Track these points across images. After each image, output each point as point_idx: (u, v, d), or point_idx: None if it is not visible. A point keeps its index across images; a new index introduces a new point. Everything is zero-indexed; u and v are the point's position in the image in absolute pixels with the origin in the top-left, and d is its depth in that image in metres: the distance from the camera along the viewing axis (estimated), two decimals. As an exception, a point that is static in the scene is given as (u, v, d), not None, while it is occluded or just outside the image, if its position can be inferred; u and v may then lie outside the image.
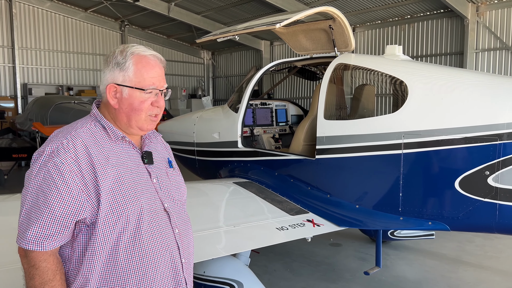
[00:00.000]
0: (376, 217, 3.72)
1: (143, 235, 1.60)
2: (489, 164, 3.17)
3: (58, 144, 1.55)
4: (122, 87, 1.62)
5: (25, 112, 12.24)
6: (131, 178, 1.61)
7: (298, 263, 5.24)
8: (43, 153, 1.54)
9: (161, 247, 1.65)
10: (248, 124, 5.61)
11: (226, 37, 4.59)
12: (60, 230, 1.51)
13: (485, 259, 5.41)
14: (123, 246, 1.57)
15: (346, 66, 4.27)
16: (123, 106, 1.64)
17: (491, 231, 3.36)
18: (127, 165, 1.63)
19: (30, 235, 1.49)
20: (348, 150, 3.81)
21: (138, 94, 1.63)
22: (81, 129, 1.62)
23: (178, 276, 1.70)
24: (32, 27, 15.41)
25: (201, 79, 20.09)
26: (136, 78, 1.62)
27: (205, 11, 14.84)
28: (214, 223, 3.53)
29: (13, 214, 3.22)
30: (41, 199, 1.50)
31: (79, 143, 1.56)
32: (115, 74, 1.63)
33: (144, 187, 1.65)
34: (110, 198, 1.54)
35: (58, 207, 1.49)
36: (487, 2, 10.68)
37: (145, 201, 1.62)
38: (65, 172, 1.51)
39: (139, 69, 1.62)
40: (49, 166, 1.51)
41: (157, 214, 1.66)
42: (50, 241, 1.51)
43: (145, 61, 1.64)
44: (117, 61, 1.63)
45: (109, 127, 1.65)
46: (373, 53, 13.13)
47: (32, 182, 1.52)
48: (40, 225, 1.49)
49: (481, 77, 3.95)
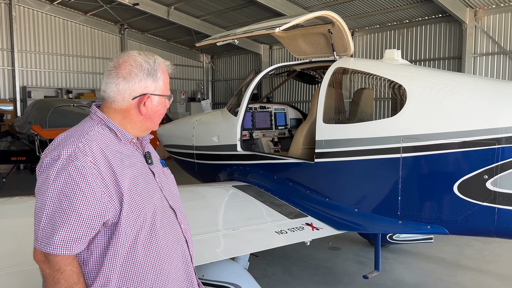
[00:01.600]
0: (375, 221, 3.73)
1: (158, 232, 1.68)
2: (488, 168, 3.18)
3: (75, 147, 1.55)
4: (153, 96, 1.73)
5: (24, 115, 12.23)
6: (142, 178, 1.69)
7: (297, 267, 5.23)
8: (59, 157, 1.53)
9: (174, 242, 1.74)
10: (247, 128, 5.63)
11: (225, 41, 4.61)
12: (88, 232, 1.53)
13: (484, 263, 5.41)
14: (141, 244, 1.63)
15: (345, 70, 4.29)
16: (151, 112, 1.74)
17: (490, 235, 3.36)
18: (137, 166, 1.69)
19: (57, 240, 1.49)
20: (347, 154, 3.82)
21: (163, 101, 1.76)
22: (92, 132, 1.64)
23: (189, 267, 1.82)
24: (32, 30, 15.43)
25: (200, 82, 20.12)
26: (164, 87, 1.76)
27: (204, 15, 14.89)
28: (213, 226, 3.53)
29: (13, 217, 3.22)
30: (65, 203, 1.50)
31: (95, 146, 1.58)
32: (147, 84, 1.70)
33: (153, 187, 1.73)
34: (130, 198, 1.59)
35: (85, 210, 1.51)
36: (485, 7, 10.73)
37: (157, 200, 1.71)
38: (88, 175, 1.52)
39: (165, 80, 1.77)
40: (70, 169, 1.51)
41: (166, 212, 1.75)
42: (78, 244, 1.53)
43: (166, 72, 1.80)
44: (148, 71, 1.71)
45: (119, 130, 1.69)
46: (372, 57, 13.17)
47: (51, 186, 1.51)
48: (68, 228, 1.50)
49: (479, 81, 3.97)
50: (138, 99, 1.69)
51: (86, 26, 16.63)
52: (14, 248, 2.80)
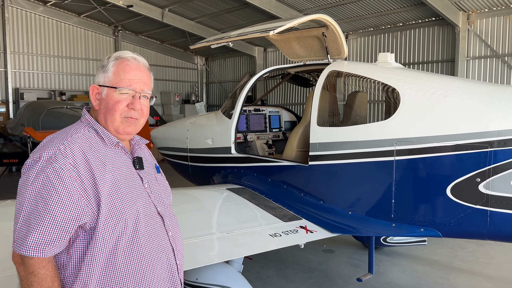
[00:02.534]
0: (369, 224, 3.73)
1: (141, 239, 1.62)
2: (480, 171, 3.20)
3: (56, 150, 1.54)
4: (103, 88, 1.68)
5: (17, 117, 12.15)
6: (126, 183, 1.64)
7: (291, 270, 5.23)
8: (39, 159, 1.53)
9: (158, 250, 1.68)
10: (241, 130, 5.62)
11: (220, 44, 4.61)
12: (61, 235, 1.51)
13: (477, 265, 5.44)
14: (122, 250, 1.58)
15: (339, 73, 4.30)
16: (101, 106, 1.68)
17: (483, 238, 3.38)
18: (121, 170, 1.65)
19: (30, 242, 1.48)
20: (341, 156, 3.83)
21: (113, 94, 1.66)
22: (76, 135, 1.62)
23: (174, 277, 1.74)
24: (25, 32, 15.35)
25: (194, 84, 20.10)
26: (114, 78, 1.67)
27: (198, 17, 14.89)
28: (207, 229, 3.52)
29: (4, 220, 3.19)
30: (40, 205, 1.49)
31: (76, 149, 1.57)
32: (99, 77, 1.70)
33: (139, 192, 1.67)
34: (109, 203, 1.56)
35: (60, 212, 1.49)
36: (478, 11, 10.83)
37: (141, 206, 1.65)
38: (65, 177, 1.50)
39: (118, 70, 1.67)
40: (48, 171, 1.50)
41: (152, 218, 1.70)
42: (51, 247, 1.50)
43: (125, 63, 1.69)
44: (102, 65, 1.70)
45: (104, 133, 1.68)
46: (366, 60, 13.23)
47: (29, 188, 1.51)
48: (41, 231, 1.48)
49: (472, 85, 4.00)
50: (90, 91, 1.70)
51: (79, 28, 16.57)
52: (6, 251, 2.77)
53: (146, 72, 1.74)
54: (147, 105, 1.75)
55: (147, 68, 1.75)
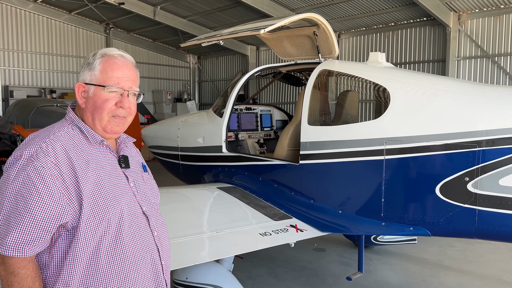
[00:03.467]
0: (359, 223, 3.75)
1: (124, 239, 1.60)
2: (469, 171, 3.22)
3: (37, 147, 1.52)
4: (89, 86, 1.66)
5: (6, 114, 12.02)
6: (110, 182, 1.62)
7: (282, 269, 5.23)
8: (20, 157, 1.51)
9: (142, 250, 1.66)
10: (232, 129, 5.61)
11: (211, 42, 4.59)
12: (42, 235, 1.48)
13: (466, 263, 5.49)
14: (104, 250, 1.56)
15: (330, 72, 4.30)
16: (88, 105, 1.66)
17: (471, 237, 3.41)
18: (106, 169, 1.63)
19: (10, 241, 1.46)
20: (331, 155, 3.84)
21: (101, 93, 1.64)
22: (59, 133, 1.60)
23: (158, 278, 1.72)
24: (15, 29, 15.18)
25: (186, 83, 20.03)
26: (101, 76, 1.64)
27: (191, 15, 14.83)
28: (197, 228, 3.51)
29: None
30: (21, 204, 1.47)
31: (58, 147, 1.54)
32: (84, 74, 1.67)
33: (123, 191, 1.65)
34: (91, 202, 1.53)
35: (40, 211, 1.47)
36: (468, 11, 10.92)
37: (125, 205, 1.63)
38: (46, 176, 1.48)
39: (105, 68, 1.64)
40: (29, 170, 1.48)
41: (137, 218, 1.67)
42: (31, 246, 1.48)
43: (112, 61, 1.66)
44: (88, 62, 1.67)
45: (88, 131, 1.66)
46: (358, 60, 13.28)
47: (10, 187, 1.49)
48: (20, 230, 1.46)
49: (462, 84, 4.03)
50: (76, 89, 1.69)
51: (70, 25, 16.42)
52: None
53: (133, 69, 1.72)
54: (134, 103, 1.73)
55: (134, 65, 1.73)
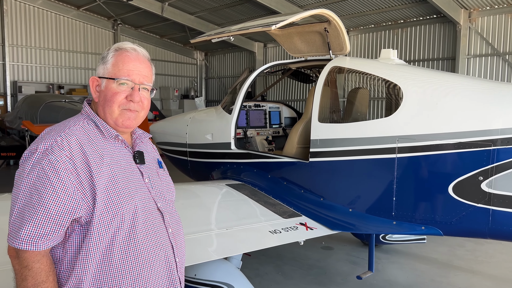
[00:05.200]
0: (369, 221, 3.71)
1: (138, 234, 1.59)
2: (483, 170, 3.17)
3: (52, 141, 1.51)
4: (102, 80, 1.65)
5: (15, 110, 12.09)
6: (124, 177, 1.60)
7: (290, 266, 5.21)
8: (36, 151, 1.50)
9: (156, 246, 1.64)
10: (241, 126, 5.58)
11: (220, 38, 4.56)
12: (55, 228, 1.47)
13: (476, 263, 5.43)
14: (118, 245, 1.55)
15: (340, 69, 4.26)
16: (100, 98, 1.65)
17: (484, 237, 3.36)
18: (120, 164, 1.62)
19: (23, 235, 1.45)
20: (342, 153, 3.80)
21: (112, 86, 1.63)
22: (74, 127, 1.59)
23: (172, 275, 1.70)
24: (23, 24, 15.24)
25: (194, 79, 20.02)
26: (113, 69, 1.63)
27: (198, 11, 14.80)
28: (206, 225, 3.49)
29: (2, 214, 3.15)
30: (35, 197, 1.46)
31: (73, 141, 1.53)
32: (99, 68, 1.67)
33: (138, 186, 1.64)
34: (105, 196, 1.52)
35: (53, 205, 1.46)
36: (479, 9, 10.78)
37: (139, 200, 1.61)
38: (60, 170, 1.47)
39: (117, 61, 1.64)
40: (44, 163, 1.47)
41: (151, 214, 1.66)
42: (45, 240, 1.47)
43: (124, 54, 1.65)
44: (102, 56, 1.67)
45: (103, 125, 1.64)
46: (366, 57, 13.19)
47: (25, 180, 1.48)
48: (34, 224, 1.45)
49: (475, 82, 3.96)
50: (90, 83, 1.68)
51: (78, 21, 16.46)
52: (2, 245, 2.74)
53: (146, 63, 1.69)
54: (147, 97, 1.70)
55: (147, 59, 1.71)
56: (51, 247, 1.53)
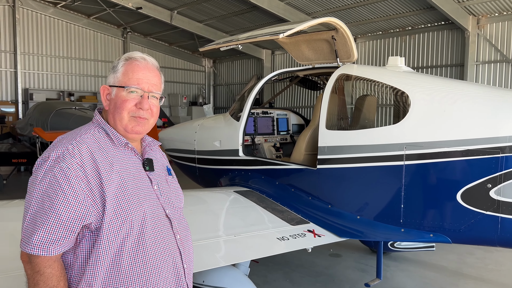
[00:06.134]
0: (377, 229, 3.70)
1: (147, 241, 1.62)
2: (491, 177, 3.16)
3: (64, 149, 1.56)
4: (112, 88, 1.70)
5: (26, 117, 12.24)
6: (134, 184, 1.63)
7: (298, 273, 5.20)
8: (48, 159, 1.55)
9: (164, 253, 1.66)
10: (249, 133, 5.61)
11: (229, 46, 4.61)
12: (66, 234, 1.51)
13: (486, 271, 5.37)
14: (127, 252, 1.58)
15: (348, 76, 4.28)
16: (111, 106, 1.70)
17: (493, 244, 3.34)
18: (130, 171, 1.65)
19: (35, 240, 1.49)
20: (350, 160, 3.81)
21: (122, 94, 1.68)
22: (85, 135, 1.64)
23: (180, 281, 1.72)
24: (35, 33, 15.48)
25: (202, 86, 20.14)
26: (123, 78, 1.68)
27: (207, 19, 14.92)
28: (214, 232, 3.51)
29: (13, 220, 3.21)
30: (47, 203, 1.50)
31: (84, 149, 1.57)
32: (109, 77, 1.72)
33: (146, 193, 1.67)
34: (114, 203, 1.56)
35: (64, 211, 1.50)
36: (487, 15, 10.75)
37: (148, 207, 1.64)
38: (71, 177, 1.51)
39: (127, 70, 1.68)
40: (55, 171, 1.52)
41: (160, 220, 1.68)
42: (56, 245, 1.51)
43: (134, 63, 1.70)
44: (113, 65, 1.72)
45: (113, 133, 1.68)
46: (374, 64, 13.18)
47: (37, 187, 1.52)
48: (46, 229, 1.49)
49: (483, 89, 3.96)
50: (101, 91, 1.73)
51: (89, 29, 16.68)
52: (14, 251, 2.78)
53: (155, 72, 1.74)
54: (156, 104, 1.75)
55: (156, 68, 1.75)
56: (62, 253, 1.57)
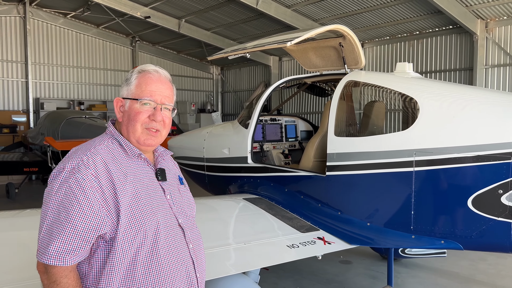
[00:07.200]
0: (388, 235, 3.68)
1: (160, 250, 1.63)
2: (503, 183, 3.13)
3: (79, 160, 1.59)
4: (126, 100, 1.73)
5: (37, 126, 12.39)
6: (147, 194, 1.66)
7: (308, 281, 5.18)
8: (63, 170, 1.58)
9: (177, 262, 1.68)
10: (257, 140, 5.63)
11: (237, 55, 4.64)
12: (82, 244, 1.54)
13: (499, 278, 5.30)
14: (141, 261, 1.60)
15: (356, 83, 4.28)
16: (124, 118, 1.73)
17: (505, 251, 3.30)
18: (143, 182, 1.67)
19: (52, 250, 1.51)
20: (359, 167, 3.80)
21: (135, 106, 1.70)
22: (99, 146, 1.66)
23: None
24: (45, 43, 15.70)
25: (210, 94, 20.23)
26: (136, 90, 1.71)
27: (214, 27, 15.03)
28: (224, 240, 3.51)
29: (26, 229, 3.24)
30: (63, 214, 1.53)
31: (98, 160, 1.60)
32: (123, 90, 1.75)
33: (160, 203, 1.69)
34: (128, 213, 1.58)
35: (80, 222, 1.52)
36: (496, 19, 10.68)
37: (161, 217, 1.66)
38: (87, 188, 1.54)
39: (140, 83, 1.71)
40: (71, 182, 1.54)
41: (173, 230, 1.70)
42: (72, 256, 1.53)
43: (147, 76, 1.73)
44: (126, 78, 1.76)
45: (126, 144, 1.71)
46: (382, 69, 13.14)
47: (53, 198, 1.55)
48: (62, 240, 1.51)
49: (492, 94, 3.94)
50: (114, 103, 1.77)
51: (98, 39, 16.87)
52: (27, 261, 2.81)
53: (167, 84, 1.77)
54: (169, 116, 1.77)
55: (169, 80, 1.79)
56: (78, 263, 1.59)
